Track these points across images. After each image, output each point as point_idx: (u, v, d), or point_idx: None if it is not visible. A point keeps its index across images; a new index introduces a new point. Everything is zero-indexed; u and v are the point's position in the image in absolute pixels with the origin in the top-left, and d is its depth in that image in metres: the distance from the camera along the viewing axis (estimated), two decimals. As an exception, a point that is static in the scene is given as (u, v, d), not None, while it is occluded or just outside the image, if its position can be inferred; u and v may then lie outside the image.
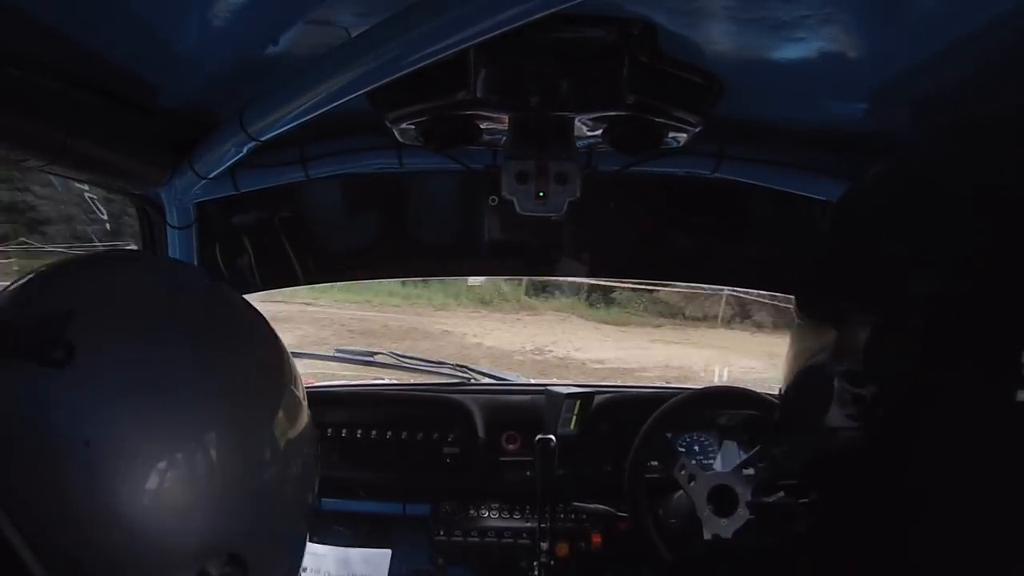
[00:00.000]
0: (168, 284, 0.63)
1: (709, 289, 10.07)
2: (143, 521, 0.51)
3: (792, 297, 0.69)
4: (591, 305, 12.02)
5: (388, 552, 1.41)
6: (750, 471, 1.35)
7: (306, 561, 1.37)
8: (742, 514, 1.33)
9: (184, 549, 0.52)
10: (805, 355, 0.65)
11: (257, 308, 0.66)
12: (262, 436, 0.58)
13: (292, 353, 0.66)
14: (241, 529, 0.56)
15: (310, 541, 1.38)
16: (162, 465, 0.52)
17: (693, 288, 9.75)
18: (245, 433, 0.57)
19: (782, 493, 1.26)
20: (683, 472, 1.36)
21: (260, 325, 0.65)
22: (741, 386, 1.55)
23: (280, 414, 0.60)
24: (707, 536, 1.32)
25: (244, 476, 0.56)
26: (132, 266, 0.66)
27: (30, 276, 0.59)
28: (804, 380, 0.65)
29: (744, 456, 1.38)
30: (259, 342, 0.64)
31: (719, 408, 1.62)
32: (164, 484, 0.51)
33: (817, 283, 0.64)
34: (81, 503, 0.50)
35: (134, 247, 1.37)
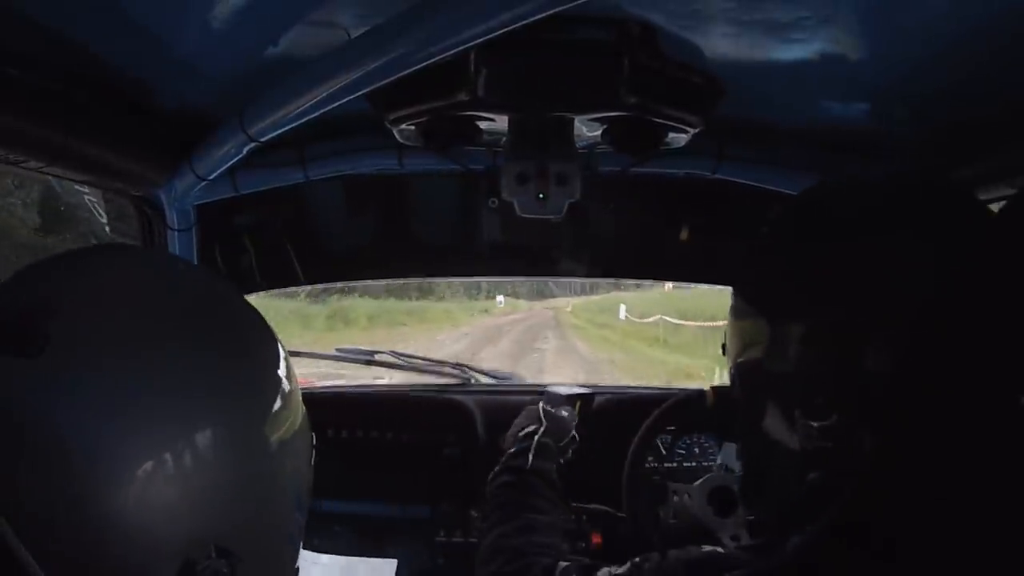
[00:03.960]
0: (159, 278, 0.62)
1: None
2: (122, 517, 0.50)
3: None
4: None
5: (394, 562, 1.39)
6: None
7: (311, 571, 1.36)
8: (743, 515, 1.32)
9: (167, 543, 0.52)
10: (754, 361, 0.60)
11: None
12: (251, 434, 0.58)
13: (292, 352, 0.66)
14: (230, 523, 0.55)
15: (310, 544, 1.37)
16: (143, 461, 0.51)
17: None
18: (233, 431, 0.56)
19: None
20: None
21: (254, 323, 0.64)
22: None
23: (271, 412, 0.60)
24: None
25: (230, 472, 0.55)
26: (122, 259, 0.64)
27: (18, 271, 0.58)
28: (758, 389, 0.60)
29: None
30: (251, 340, 0.63)
31: (719, 408, 1.61)
32: (145, 480, 0.51)
33: (780, 284, 0.60)
34: (54, 497, 0.49)
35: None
